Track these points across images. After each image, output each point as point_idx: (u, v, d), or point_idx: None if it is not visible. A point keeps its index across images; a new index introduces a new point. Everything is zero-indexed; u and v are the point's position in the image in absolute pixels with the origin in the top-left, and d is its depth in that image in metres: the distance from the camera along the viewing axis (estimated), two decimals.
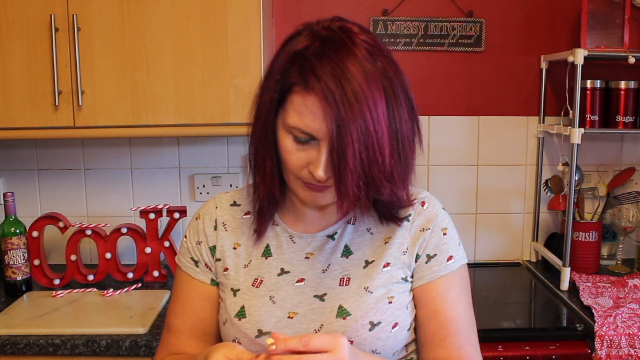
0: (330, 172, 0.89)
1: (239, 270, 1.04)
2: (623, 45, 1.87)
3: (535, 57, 2.06)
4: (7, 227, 1.76)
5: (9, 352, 1.46)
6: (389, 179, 0.91)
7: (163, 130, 1.71)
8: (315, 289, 1.00)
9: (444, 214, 1.05)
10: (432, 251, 1.02)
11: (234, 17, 1.64)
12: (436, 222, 1.03)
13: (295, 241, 1.05)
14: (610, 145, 2.12)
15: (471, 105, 2.09)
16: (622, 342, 1.50)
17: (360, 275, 1.00)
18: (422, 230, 1.02)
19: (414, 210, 1.03)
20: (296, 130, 0.89)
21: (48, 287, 1.83)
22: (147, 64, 1.66)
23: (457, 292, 1.02)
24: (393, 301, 0.98)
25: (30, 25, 1.64)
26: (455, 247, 1.03)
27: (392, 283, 0.99)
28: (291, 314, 0.99)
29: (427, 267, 1.01)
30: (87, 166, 2.08)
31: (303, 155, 0.90)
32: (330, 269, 1.01)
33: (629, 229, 1.96)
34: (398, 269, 1.01)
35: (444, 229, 1.03)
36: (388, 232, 1.03)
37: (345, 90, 0.85)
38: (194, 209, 2.07)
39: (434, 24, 2.03)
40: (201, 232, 1.09)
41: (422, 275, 1.01)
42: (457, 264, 1.02)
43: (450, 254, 1.02)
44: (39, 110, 1.67)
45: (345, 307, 0.97)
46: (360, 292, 0.98)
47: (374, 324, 0.96)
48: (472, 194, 2.13)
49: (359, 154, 0.86)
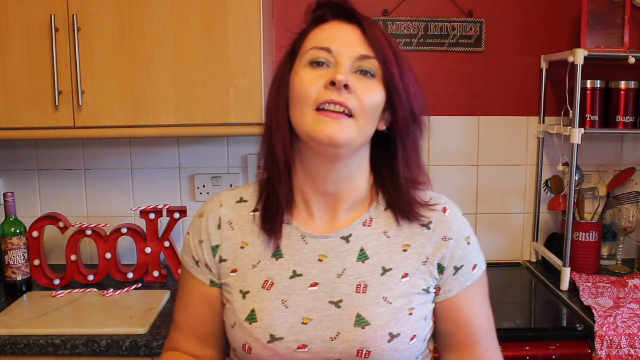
0: (349, 78, 0.91)
1: (247, 271, 1.01)
2: (623, 45, 1.87)
3: (535, 57, 2.06)
4: (7, 227, 1.76)
5: (9, 352, 1.46)
6: (415, 95, 0.98)
7: (163, 130, 1.71)
8: (330, 295, 0.97)
9: (465, 221, 1.04)
10: (459, 262, 1.00)
11: (234, 17, 1.64)
12: (460, 231, 1.01)
13: (307, 241, 1.01)
14: (610, 145, 2.12)
15: (471, 105, 2.09)
16: (622, 342, 1.50)
17: (378, 284, 0.97)
18: (444, 239, 1.00)
19: (435, 217, 1.01)
20: (313, 51, 0.95)
21: (48, 287, 1.83)
22: (147, 64, 1.66)
23: (481, 298, 1.03)
24: (413, 312, 0.96)
25: (30, 25, 1.64)
26: (478, 255, 1.03)
27: (413, 294, 0.97)
28: (305, 320, 0.95)
29: (455, 279, 1.00)
30: (87, 166, 2.08)
31: (318, 76, 0.93)
32: (345, 274, 0.98)
33: (629, 229, 1.96)
34: (418, 279, 0.98)
35: (467, 237, 1.02)
36: (406, 237, 1.00)
37: (360, 16, 0.96)
38: (194, 209, 2.07)
39: (434, 24, 2.03)
40: (203, 231, 1.06)
41: (451, 287, 1.00)
42: (480, 270, 1.03)
43: (475, 263, 1.02)
44: (39, 110, 1.67)
45: (363, 316, 0.94)
46: (379, 301, 0.95)
47: (393, 335, 0.94)
48: (472, 194, 2.13)
49: (389, 47, 0.96)
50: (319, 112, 0.92)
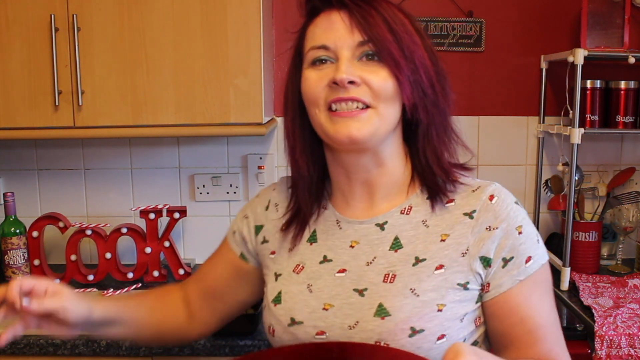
0: (352, 73, 0.87)
1: (284, 254, 1.01)
2: (623, 45, 1.87)
3: (535, 57, 2.06)
4: (7, 227, 1.76)
5: (9, 352, 1.47)
6: (427, 73, 0.92)
7: (163, 130, 1.71)
8: (356, 282, 0.93)
9: (517, 209, 0.93)
10: (508, 254, 0.91)
11: (234, 17, 1.64)
12: (509, 220, 0.91)
13: (341, 226, 0.98)
14: (610, 145, 2.11)
15: (471, 105, 2.08)
16: (622, 342, 1.50)
17: (408, 274, 0.91)
18: (489, 229, 0.91)
19: (480, 206, 0.93)
20: (312, 52, 0.92)
21: None
22: (147, 64, 1.66)
23: (540, 294, 0.92)
24: (443, 309, 0.89)
25: (30, 25, 1.64)
26: (533, 246, 0.92)
27: (447, 289, 0.89)
28: (326, 306, 0.93)
29: (505, 272, 0.91)
30: (87, 166, 2.08)
31: (322, 75, 0.90)
32: (375, 262, 0.93)
33: (629, 229, 1.96)
34: (455, 272, 0.90)
35: (518, 227, 0.92)
36: (446, 227, 0.93)
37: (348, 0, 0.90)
38: (194, 209, 2.07)
39: (434, 24, 2.03)
40: (252, 209, 1.09)
41: (501, 282, 0.91)
42: (537, 264, 0.92)
43: (529, 255, 0.91)
44: (39, 110, 1.67)
45: (385, 307, 0.89)
46: (405, 292, 0.89)
47: (415, 331, 0.87)
48: None
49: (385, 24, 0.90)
50: (332, 113, 0.89)
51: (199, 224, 2.10)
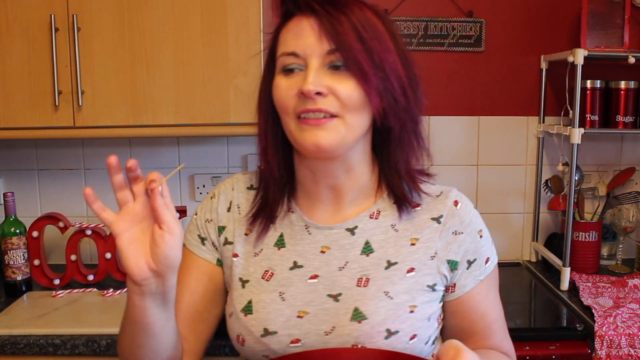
0: (319, 84, 0.87)
1: (249, 258, 0.99)
2: (623, 45, 1.87)
3: (535, 57, 2.06)
4: (7, 227, 1.76)
5: (9, 352, 1.46)
6: (399, 79, 0.90)
7: (163, 130, 1.71)
8: (329, 288, 0.94)
9: (477, 213, 1.01)
10: (472, 256, 0.98)
11: (234, 17, 1.64)
12: (472, 225, 0.98)
13: (310, 232, 0.98)
14: (610, 145, 2.12)
15: (471, 105, 2.09)
16: (622, 342, 1.50)
17: (381, 278, 0.93)
18: (455, 233, 0.97)
19: (446, 211, 0.98)
20: (282, 58, 0.90)
21: (48, 287, 1.83)
22: (147, 64, 1.66)
23: (494, 291, 1.02)
24: (415, 310, 0.93)
25: (30, 25, 1.64)
26: (490, 247, 1.01)
27: (417, 290, 0.94)
28: (301, 313, 0.93)
29: (469, 273, 0.98)
30: (87, 166, 2.08)
31: (292, 84, 0.89)
32: (347, 267, 0.95)
33: (629, 229, 1.96)
34: (424, 275, 0.95)
35: (479, 231, 0.99)
36: (415, 231, 0.97)
37: (319, 6, 0.88)
38: (194, 209, 2.06)
39: (434, 24, 2.03)
40: (213, 211, 1.04)
41: (465, 282, 0.98)
42: (493, 264, 1.01)
43: (488, 256, 1.00)
44: (39, 110, 1.67)
45: (361, 310, 0.91)
46: (380, 295, 0.92)
47: (391, 332, 0.90)
48: (472, 194, 2.13)
49: (354, 32, 0.87)
50: (301, 120, 0.89)
51: None
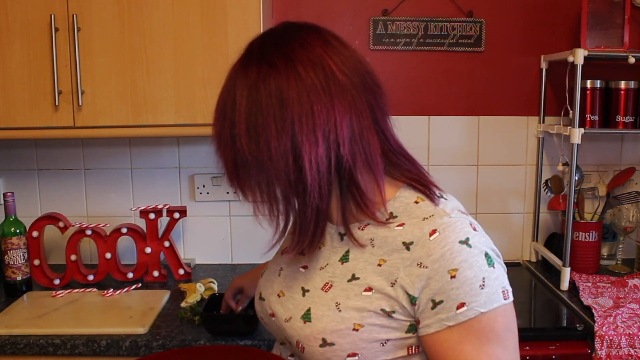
0: None
1: None
2: (623, 45, 1.87)
3: (535, 57, 2.06)
4: (7, 227, 1.76)
5: (9, 352, 1.46)
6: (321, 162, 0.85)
7: (163, 130, 1.71)
8: (305, 282, 0.99)
9: (458, 250, 0.85)
10: (438, 297, 0.85)
11: (234, 17, 1.64)
12: (442, 261, 0.85)
13: None
14: (610, 145, 2.12)
15: (471, 105, 2.09)
16: (622, 342, 1.50)
17: (341, 288, 0.94)
18: (419, 265, 0.87)
19: (418, 239, 0.88)
20: None
21: (48, 287, 1.83)
22: (147, 64, 1.66)
23: (477, 345, 0.85)
24: (360, 330, 0.89)
25: (30, 25, 1.64)
26: (471, 292, 0.84)
27: (368, 311, 0.89)
28: (280, 293, 1.03)
29: (434, 314, 0.86)
30: (87, 166, 2.08)
31: None
32: (325, 269, 0.98)
33: (629, 229, 1.96)
34: (381, 298, 0.89)
35: (452, 270, 0.84)
36: (385, 252, 0.91)
37: None
38: (194, 209, 2.07)
39: (434, 24, 2.03)
40: None
41: (429, 323, 0.87)
42: (472, 312, 0.84)
43: (462, 301, 0.84)
44: (39, 110, 1.67)
45: (310, 312, 0.94)
46: (331, 305, 0.93)
47: (326, 342, 0.90)
48: (472, 194, 2.13)
49: None
50: None
51: (199, 224, 2.10)
